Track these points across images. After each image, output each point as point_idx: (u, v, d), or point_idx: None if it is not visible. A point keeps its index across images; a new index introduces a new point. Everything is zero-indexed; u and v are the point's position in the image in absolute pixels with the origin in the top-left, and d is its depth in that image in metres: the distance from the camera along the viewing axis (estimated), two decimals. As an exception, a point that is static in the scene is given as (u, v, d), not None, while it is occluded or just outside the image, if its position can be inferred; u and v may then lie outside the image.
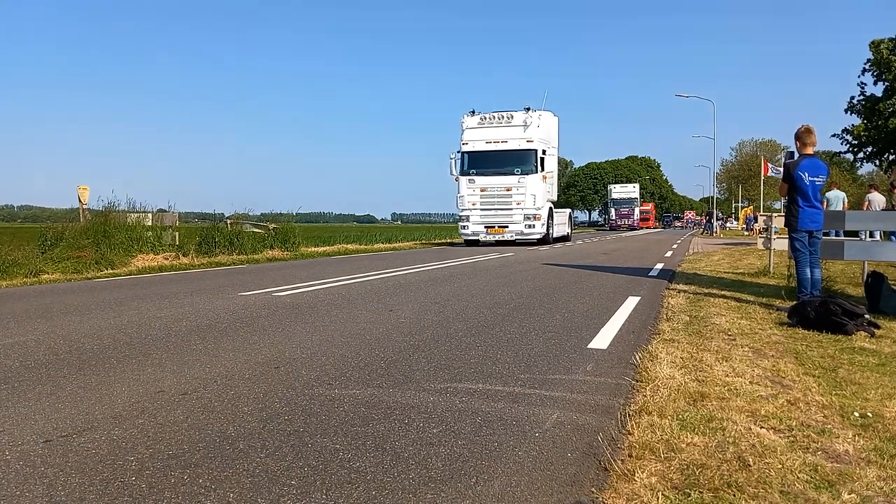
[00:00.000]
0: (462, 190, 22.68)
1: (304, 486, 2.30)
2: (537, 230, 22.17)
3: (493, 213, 22.40)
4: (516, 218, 22.17)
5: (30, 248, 11.96)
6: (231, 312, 6.31)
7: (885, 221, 8.84)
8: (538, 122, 22.43)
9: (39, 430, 2.87)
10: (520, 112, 22.60)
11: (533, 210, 22.06)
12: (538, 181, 22.13)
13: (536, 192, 22.03)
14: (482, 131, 22.74)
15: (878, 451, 2.60)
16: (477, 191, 22.48)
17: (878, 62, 32.79)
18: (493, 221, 22.42)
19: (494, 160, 22.42)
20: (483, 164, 22.54)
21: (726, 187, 78.94)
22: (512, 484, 2.33)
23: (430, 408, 3.19)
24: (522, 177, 22.01)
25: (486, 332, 5.22)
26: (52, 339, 4.96)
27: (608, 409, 3.21)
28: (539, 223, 22.15)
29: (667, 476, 2.35)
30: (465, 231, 22.72)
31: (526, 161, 22.15)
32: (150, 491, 2.26)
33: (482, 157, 22.58)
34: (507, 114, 22.62)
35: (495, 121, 22.66)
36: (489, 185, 22.33)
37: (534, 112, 22.63)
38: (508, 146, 22.31)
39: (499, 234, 22.32)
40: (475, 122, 22.83)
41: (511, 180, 22.14)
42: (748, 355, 4.37)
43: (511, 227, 22.22)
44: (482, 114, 22.90)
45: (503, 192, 22.22)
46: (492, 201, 22.36)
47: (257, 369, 3.98)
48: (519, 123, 22.35)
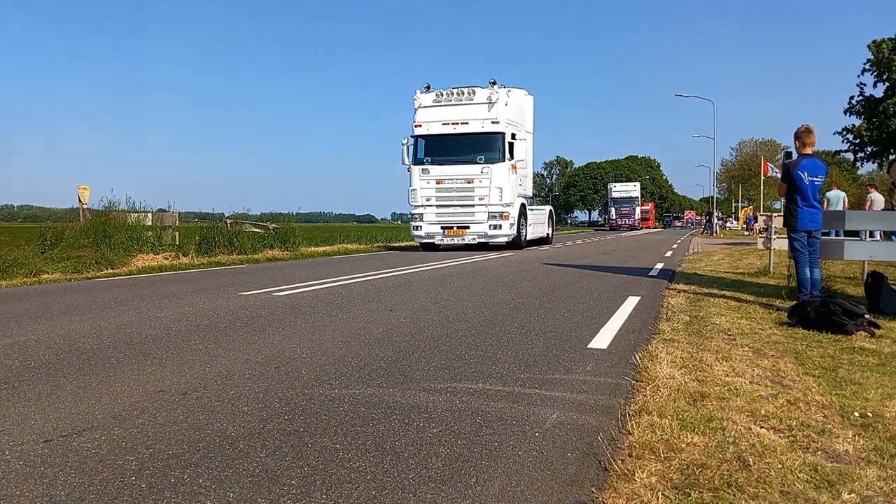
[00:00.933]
0: (414, 182, 18.59)
1: (304, 486, 2.30)
2: (504, 231, 18.22)
3: (452, 211, 18.32)
4: (479, 217, 18.14)
5: (30, 248, 11.96)
6: (231, 312, 6.31)
7: (885, 221, 8.84)
8: (506, 99, 18.45)
9: (39, 430, 2.87)
10: (484, 88, 18.51)
11: (499, 207, 18.05)
12: (506, 171, 18.07)
13: (504, 185, 17.98)
14: (438, 111, 18.59)
15: (878, 451, 2.60)
16: (432, 183, 18.38)
17: (878, 62, 32.78)
18: (451, 221, 18.36)
19: (452, 146, 18.49)
20: (439, 151, 18.54)
21: (726, 187, 78.93)
22: (512, 484, 2.33)
23: (430, 408, 3.19)
24: (486, 166, 17.97)
25: (486, 332, 5.22)
26: (52, 339, 4.96)
27: (608, 408, 3.20)
28: (507, 223, 18.17)
29: (667, 476, 2.35)
30: (418, 233, 18.72)
31: (490, 147, 18.16)
32: (150, 491, 2.26)
33: (438, 141, 18.57)
34: (469, 89, 18.47)
35: (454, 98, 18.48)
36: (446, 176, 18.29)
37: (501, 88, 18.68)
38: (469, 128, 18.24)
39: (458, 236, 18.31)
40: (430, 99, 18.68)
41: (472, 170, 18.12)
42: (748, 355, 4.37)
43: (473, 227, 18.21)
44: (438, 90, 18.76)
45: (463, 186, 18.19)
46: (449, 196, 18.29)
47: (257, 369, 3.98)
48: (482, 101, 18.23)
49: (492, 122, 18.15)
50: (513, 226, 18.46)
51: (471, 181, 18.17)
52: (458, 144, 18.48)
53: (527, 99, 21.41)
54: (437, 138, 18.61)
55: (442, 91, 18.74)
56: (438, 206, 18.43)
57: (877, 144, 33.64)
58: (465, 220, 18.33)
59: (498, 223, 18.15)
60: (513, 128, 18.76)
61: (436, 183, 18.39)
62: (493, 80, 18.62)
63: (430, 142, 18.71)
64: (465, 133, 18.32)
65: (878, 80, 33.28)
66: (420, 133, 18.73)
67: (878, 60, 32.77)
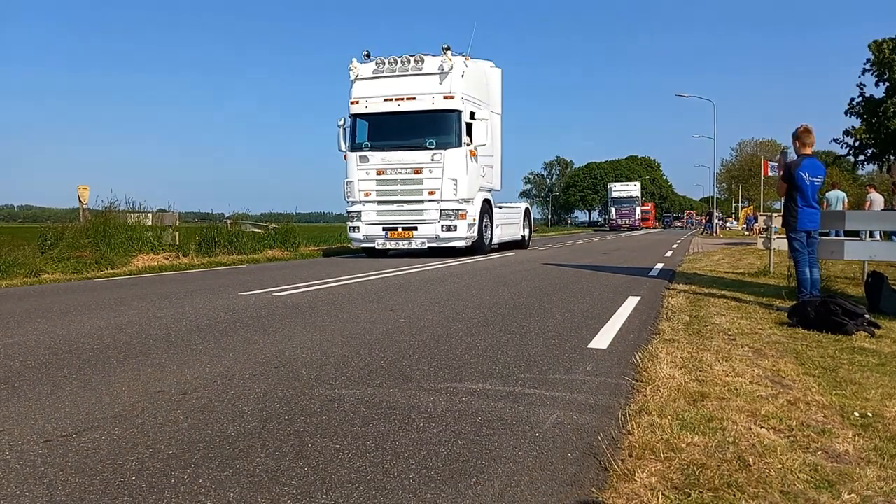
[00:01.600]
0: (350, 173, 15.21)
1: (304, 486, 2.30)
2: (460, 233, 14.79)
3: (396, 209, 15.00)
4: (429, 215, 14.78)
5: (30, 248, 11.96)
6: (231, 312, 6.31)
7: (885, 221, 8.84)
8: (463, 69, 15.02)
9: (39, 430, 2.87)
10: (435, 56, 15.04)
11: (454, 203, 14.70)
12: (462, 159, 14.73)
13: (459, 176, 14.67)
14: (379, 84, 15.19)
15: (878, 451, 2.60)
16: (372, 174, 15.03)
17: (879, 62, 32.79)
18: (394, 221, 15.00)
19: (396, 127, 15.16)
20: (380, 134, 15.33)
21: (726, 187, 78.94)
22: (512, 484, 2.33)
23: (431, 408, 3.19)
24: (438, 152, 14.57)
25: (486, 332, 5.22)
26: (52, 339, 4.96)
27: (608, 408, 3.20)
28: (464, 223, 14.79)
29: (667, 476, 2.35)
30: (356, 235, 15.28)
31: (443, 128, 14.82)
32: (150, 491, 2.26)
33: (378, 121, 15.32)
34: (417, 57, 15.04)
35: (398, 67, 15.11)
36: (389, 164, 14.90)
37: (457, 56, 15.11)
38: (417, 105, 14.83)
39: (403, 239, 14.93)
40: (369, 70, 15.30)
41: (421, 157, 14.72)
42: (748, 355, 4.37)
43: (422, 229, 14.80)
44: (380, 58, 15.37)
45: (409, 177, 14.84)
46: (393, 190, 14.96)
47: (257, 369, 3.98)
48: (433, 71, 14.87)
49: (444, 98, 14.72)
50: (472, 226, 15.16)
51: (419, 171, 14.74)
52: (404, 125, 15.14)
53: (493, 72, 17.76)
54: (377, 118, 15.29)
55: (384, 59, 15.24)
56: (380, 202, 15.08)
57: (876, 146, 33.66)
58: (412, 219, 14.93)
59: (452, 223, 14.73)
60: (472, 105, 15.40)
61: (376, 174, 15.01)
62: (447, 45, 14.98)
63: (368, 122, 15.45)
64: (412, 111, 14.93)
65: (879, 80, 33.30)
66: (357, 111, 15.31)
67: (878, 60, 32.79)
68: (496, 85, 17.96)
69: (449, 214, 14.77)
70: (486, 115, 15.72)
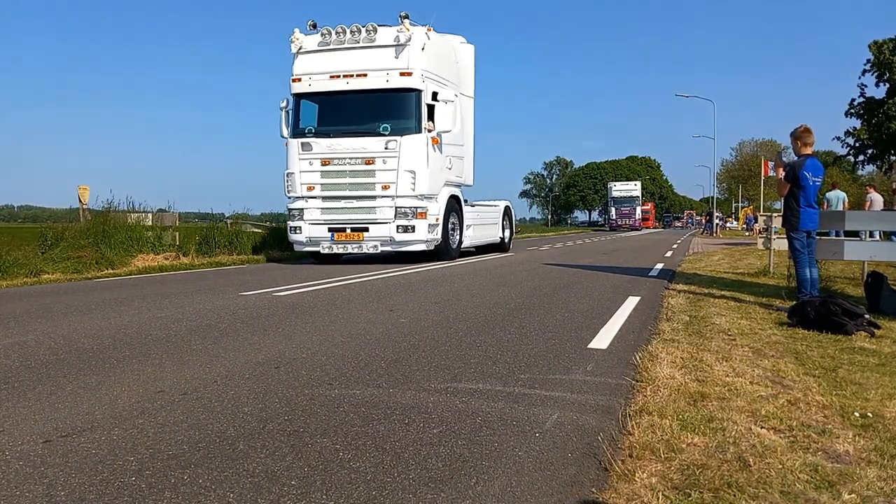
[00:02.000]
0: (291, 163, 12.97)
1: (304, 486, 2.30)
2: (420, 235, 12.58)
3: (344, 206, 12.74)
4: (383, 214, 12.55)
5: (30, 248, 11.96)
6: (231, 312, 6.31)
7: (885, 221, 8.85)
8: (424, 41, 12.67)
9: (39, 430, 2.87)
10: (390, 27, 12.79)
11: (411, 200, 12.52)
12: (421, 147, 12.57)
13: (418, 168, 12.51)
14: (325, 58, 12.89)
15: (879, 451, 2.60)
16: (316, 165, 12.76)
17: (879, 63, 32.82)
18: (341, 220, 12.73)
19: (344, 109, 13.04)
20: (326, 118, 13.16)
21: (726, 187, 78.97)
22: (512, 484, 2.33)
23: (431, 408, 3.19)
24: (393, 139, 12.41)
25: (486, 332, 5.22)
26: (52, 339, 4.96)
27: (608, 409, 3.20)
28: (424, 223, 12.58)
29: (667, 476, 2.35)
30: (297, 236, 13.04)
31: (399, 110, 12.69)
32: (150, 491, 2.26)
33: (324, 103, 13.16)
34: (369, 27, 12.74)
35: (347, 39, 12.78)
36: (336, 153, 12.61)
37: (417, 26, 12.85)
38: (368, 83, 12.55)
39: (353, 241, 12.65)
40: (314, 42, 12.94)
41: (373, 145, 12.47)
42: (748, 355, 4.37)
43: (373, 229, 12.56)
44: (327, 27, 12.92)
45: (359, 168, 12.56)
46: (340, 184, 12.70)
47: (257, 369, 3.98)
48: (387, 43, 12.57)
49: (400, 74, 12.49)
50: (435, 227, 12.96)
51: (370, 162, 12.51)
52: (353, 107, 12.96)
53: (464, 48, 15.30)
54: (322, 98, 13.08)
55: (331, 29, 12.85)
56: (325, 198, 12.80)
57: (876, 146, 33.69)
58: (363, 218, 12.68)
59: (409, 223, 12.48)
60: (435, 84, 13.02)
61: (321, 164, 12.73)
62: (405, 13, 12.59)
63: (312, 104, 13.25)
64: (362, 90, 12.64)
65: (879, 81, 33.33)
66: (298, 91, 13.01)
67: (878, 61, 32.82)
68: (468, 63, 15.37)
69: (406, 213, 12.51)
70: (451, 97, 13.15)
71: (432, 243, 13.06)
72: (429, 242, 12.92)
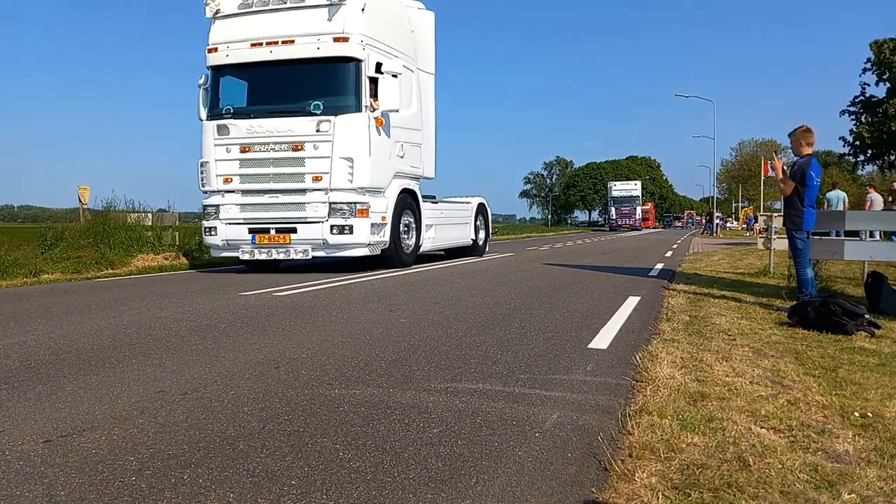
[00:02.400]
0: (205, 150, 10.81)
1: (304, 486, 2.30)
2: (360, 237, 10.37)
3: (267, 202, 10.58)
4: (314, 211, 10.38)
5: (30, 248, 11.96)
6: (231, 312, 6.31)
7: (885, 221, 8.85)
8: (364, 2, 10.53)
9: (39, 430, 2.87)
10: None
11: (348, 194, 10.30)
12: (362, 129, 10.30)
13: (357, 155, 10.25)
14: (246, 23, 10.76)
15: (879, 451, 2.60)
16: (234, 152, 10.62)
17: (879, 62, 32.83)
18: (264, 219, 10.58)
19: (268, 83, 10.95)
20: (247, 95, 11.18)
21: (726, 187, 79.00)
22: (512, 484, 2.33)
23: (431, 408, 3.19)
24: (326, 119, 10.21)
25: (486, 332, 5.22)
26: (52, 339, 4.96)
27: (608, 409, 3.21)
28: (364, 223, 10.36)
29: (667, 476, 2.35)
30: (212, 239, 10.87)
31: (333, 84, 10.55)
32: (150, 491, 2.26)
33: (245, 76, 11.12)
34: None
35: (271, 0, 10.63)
36: (257, 137, 10.45)
37: None
38: (297, 51, 10.36)
39: (278, 245, 10.47)
40: (233, 4, 10.83)
41: (301, 127, 10.29)
42: (748, 355, 4.37)
43: (302, 230, 10.41)
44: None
45: (285, 155, 10.39)
46: (262, 175, 10.53)
47: (257, 369, 3.98)
48: (319, 3, 10.40)
49: (335, 40, 10.26)
50: (380, 227, 10.75)
51: (299, 147, 10.28)
52: (279, 81, 10.89)
53: (421, 16, 12.94)
54: (243, 71, 11.01)
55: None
56: (246, 192, 10.67)
57: (876, 146, 33.72)
58: (290, 217, 10.45)
59: (346, 222, 10.22)
60: (380, 53, 10.73)
61: (240, 151, 10.54)
62: None
63: (232, 77, 11.13)
64: (289, 60, 10.45)
65: (880, 80, 33.35)
66: (215, 62, 10.83)
67: (879, 61, 32.82)
68: (427, 34, 12.98)
69: (342, 210, 10.24)
70: (398, 68, 10.72)
71: (377, 247, 10.80)
72: (373, 246, 10.66)
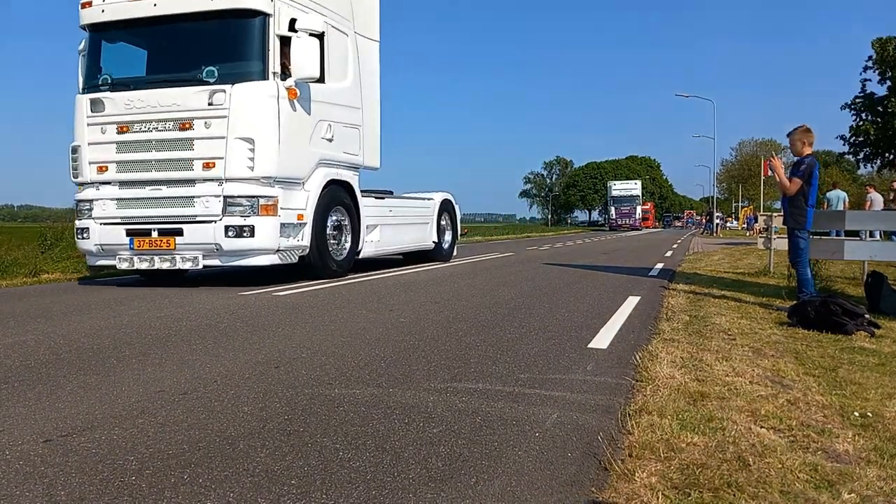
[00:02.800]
0: (77, 132, 8.73)
1: (304, 486, 2.30)
2: (265, 242, 8.18)
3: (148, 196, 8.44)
4: (204, 207, 8.20)
5: (30, 247, 11.97)
6: (231, 312, 6.31)
7: (885, 221, 8.86)
8: None
9: (39, 430, 2.87)
10: None
11: (250, 186, 8.16)
12: (267, 101, 8.13)
13: (261, 134, 8.08)
14: None
15: (878, 451, 2.60)
16: (110, 133, 8.49)
17: (882, 60, 32.77)
18: (144, 218, 8.44)
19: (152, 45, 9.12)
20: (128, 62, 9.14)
21: (726, 187, 79.01)
22: (512, 484, 2.33)
23: (431, 407, 3.19)
24: (221, 88, 8.06)
25: (486, 332, 5.22)
26: (52, 339, 4.96)
27: (608, 408, 3.21)
28: (272, 223, 8.19)
29: (667, 476, 2.35)
30: (84, 243, 8.76)
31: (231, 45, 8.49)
32: (150, 491, 2.26)
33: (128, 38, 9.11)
34: None
35: None
36: (137, 114, 8.31)
37: None
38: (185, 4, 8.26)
39: (161, 251, 8.33)
40: None
41: (190, 100, 8.15)
42: (748, 355, 4.37)
43: (190, 232, 8.20)
44: None
45: (170, 136, 8.26)
46: (143, 161, 8.39)
47: (257, 369, 3.99)
48: None
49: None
50: (296, 228, 8.54)
51: (186, 125, 8.14)
52: (164, 42, 8.93)
53: None
54: (124, 31, 8.84)
55: None
56: (123, 183, 8.52)
57: (875, 144, 33.71)
58: (175, 215, 8.28)
59: (246, 222, 8.03)
60: (295, 7, 8.52)
61: (117, 131, 8.42)
62: None
63: (112, 39, 8.96)
64: (177, 15, 8.31)
65: (882, 78, 33.31)
66: (90, 20, 8.71)
67: (881, 59, 32.75)
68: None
69: (240, 206, 7.98)
70: (319, 26, 8.48)
71: (292, 253, 8.56)
72: (285, 253, 8.40)
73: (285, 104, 8.31)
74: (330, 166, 9.32)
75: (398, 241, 11.59)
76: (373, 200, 10.74)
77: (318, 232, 9.00)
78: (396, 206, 11.63)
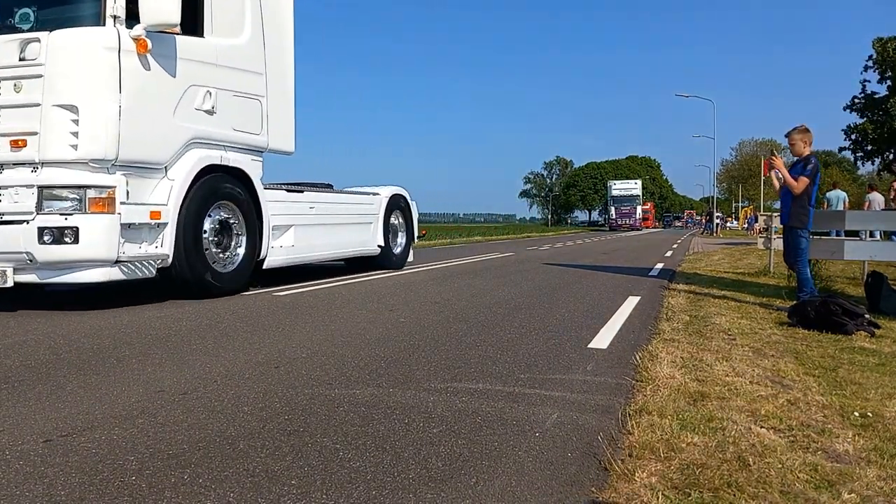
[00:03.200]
0: None
1: (304, 486, 2.30)
2: (93, 251, 5.77)
3: None
4: (11, 202, 5.80)
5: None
6: (231, 312, 6.31)
7: (885, 221, 8.86)
8: None
9: (39, 430, 2.87)
10: None
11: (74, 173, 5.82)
12: (103, 53, 5.81)
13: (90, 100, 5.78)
14: None
15: (878, 451, 2.60)
16: None
17: (882, 60, 32.77)
18: None
19: None
20: None
21: (726, 187, 78.98)
22: (512, 484, 2.33)
23: (431, 407, 3.19)
24: (34, 38, 5.79)
25: (486, 332, 5.22)
26: (52, 339, 4.96)
27: (608, 408, 3.21)
28: (106, 222, 5.77)
29: (667, 476, 2.35)
30: None
31: None
32: (150, 491, 2.26)
33: None
34: None
35: None
36: None
37: None
38: None
39: None
40: None
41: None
42: (748, 355, 4.37)
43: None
44: None
45: None
46: None
47: (257, 369, 3.99)
48: None
49: None
50: (152, 231, 6.41)
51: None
52: None
53: None
54: None
55: None
56: None
57: (877, 143, 33.72)
58: None
59: (69, 223, 5.75)
60: None
61: None
62: None
63: None
64: None
65: (882, 78, 33.31)
66: None
67: (882, 59, 32.75)
68: None
69: (61, 199, 5.90)
70: None
71: (144, 264, 6.39)
72: (131, 265, 6.24)
73: (132, 60, 6.11)
74: (211, 147, 7.05)
75: (326, 246, 9.22)
76: (283, 194, 8.48)
77: (189, 235, 6.71)
78: (322, 203, 9.19)
